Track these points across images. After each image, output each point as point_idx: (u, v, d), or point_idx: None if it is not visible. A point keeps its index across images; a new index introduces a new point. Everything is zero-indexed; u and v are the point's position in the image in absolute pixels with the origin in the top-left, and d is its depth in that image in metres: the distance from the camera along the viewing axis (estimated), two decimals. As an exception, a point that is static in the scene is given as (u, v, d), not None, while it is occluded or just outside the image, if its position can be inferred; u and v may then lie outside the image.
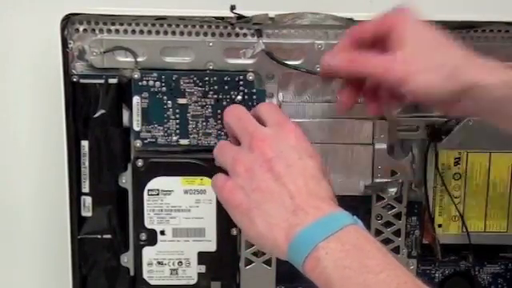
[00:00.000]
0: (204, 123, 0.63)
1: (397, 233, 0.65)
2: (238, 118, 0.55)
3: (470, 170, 0.63)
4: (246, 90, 0.62)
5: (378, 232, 0.65)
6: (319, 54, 0.61)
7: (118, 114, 0.62)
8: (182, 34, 0.61)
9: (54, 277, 0.74)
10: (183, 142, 0.63)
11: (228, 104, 0.62)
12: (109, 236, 0.64)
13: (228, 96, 0.62)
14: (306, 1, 0.62)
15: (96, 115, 0.62)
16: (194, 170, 0.63)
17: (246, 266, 0.65)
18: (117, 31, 0.61)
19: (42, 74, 0.69)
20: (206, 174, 0.62)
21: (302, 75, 0.62)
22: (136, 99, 0.62)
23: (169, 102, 0.62)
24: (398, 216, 0.65)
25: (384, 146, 0.63)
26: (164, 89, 0.62)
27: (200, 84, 0.62)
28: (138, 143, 0.63)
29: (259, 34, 0.61)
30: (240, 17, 0.59)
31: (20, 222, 0.74)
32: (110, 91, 0.61)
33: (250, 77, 0.62)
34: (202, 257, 0.64)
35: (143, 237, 0.63)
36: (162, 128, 0.62)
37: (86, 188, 0.63)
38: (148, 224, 0.63)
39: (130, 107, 0.62)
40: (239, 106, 0.58)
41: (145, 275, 0.64)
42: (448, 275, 0.67)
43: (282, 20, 0.60)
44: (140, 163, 0.62)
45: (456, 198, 0.63)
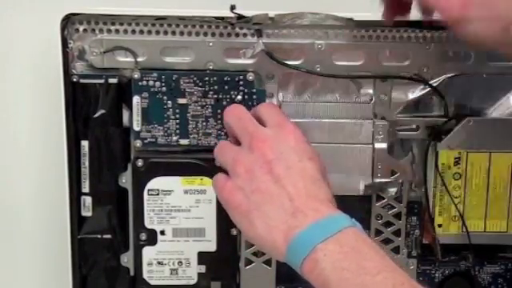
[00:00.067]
0: (204, 123, 0.63)
1: (397, 233, 0.65)
2: (237, 117, 0.55)
3: (469, 170, 0.63)
4: (245, 90, 0.62)
5: (378, 232, 0.65)
6: (319, 53, 0.61)
7: (118, 114, 0.62)
8: (182, 33, 0.61)
9: (53, 277, 0.74)
10: (183, 142, 0.63)
11: (228, 104, 0.62)
12: (109, 236, 0.64)
13: (228, 96, 0.62)
14: (306, 1, 0.62)
15: (96, 115, 0.62)
16: (194, 169, 0.63)
17: (246, 265, 0.65)
18: (117, 31, 0.61)
19: (42, 74, 0.69)
20: (206, 174, 0.62)
21: (302, 75, 0.62)
22: (136, 99, 0.62)
23: (169, 102, 0.62)
24: (398, 216, 0.65)
25: (384, 145, 0.63)
26: (164, 89, 0.62)
27: (200, 84, 0.62)
28: (138, 143, 0.63)
29: (259, 34, 0.61)
30: (240, 17, 0.59)
31: (20, 222, 0.74)
32: (110, 91, 0.61)
33: (250, 77, 0.62)
34: (202, 257, 0.64)
35: (143, 237, 0.63)
36: (161, 128, 0.62)
37: (85, 188, 0.63)
38: (148, 224, 0.63)
39: (130, 107, 0.62)
40: (239, 105, 0.58)
41: (145, 275, 0.64)
42: (448, 275, 0.67)
43: (281, 20, 0.60)
44: (140, 163, 0.62)
45: (456, 197, 0.63)
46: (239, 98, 0.62)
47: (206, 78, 0.62)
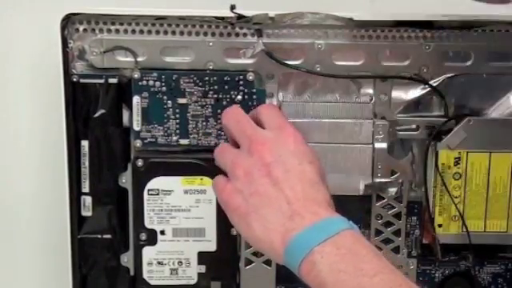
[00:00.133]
0: (204, 123, 0.62)
1: (397, 233, 0.65)
2: (235, 120, 0.55)
3: (469, 170, 0.63)
4: (245, 90, 0.62)
5: (378, 232, 0.65)
6: (319, 53, 0.61)
7: (118, 114, 0.62)
8: (182, 33, 0.61)
9: (53, 277, 0.74)
10: (183, 141, 0.63)
11: (228, 104, 0.62)
12: (109, 236, 0.64)
13: (228, 96, 0.62)
14: (306, 1, 0.62)
15: (96, 115, 0.62)
16: (194, 169, 0.63)
17: (246, 265, 0.65)
18: (117, 31, 0.61)
19: (42, 74, 0.69)
20: (206, 174, 0.62)
21: (302, 75, 0.62)
22: (136, 99, 0.62)
23: (169, 101, 0.62)
24: (398, 216, 0.65)
25: (384, 145, 0.63)
26: (164, 89, 0.62)
27: (200, 84, 0.62)
28: (138, 143, 0.63)
29: (259, 33, 0.61)
30: (240, 17, 0.59)
31: (20, 221, 0.74)
32: (110, 91, 0.61)
33: (250, 77, 0.62)
34: (202, 257, 0.64)
35: (143, 237, 0.63)
36: (161, 128, 0.62)
37: (85, 188, 0.63)
38: (148, 224, 0.63)
39: (130, 107, 0.62)
40: (236, 107, 0.58)
41: (145, 275, 0.64)
42: (448, 275, 0.67)
43: (281, 20, 0.60)
44: (140, 163, 0.62)
45: (456, 197, 0.63)
46: (239, 97, 0.62)
47: (206, 78, 0.62)
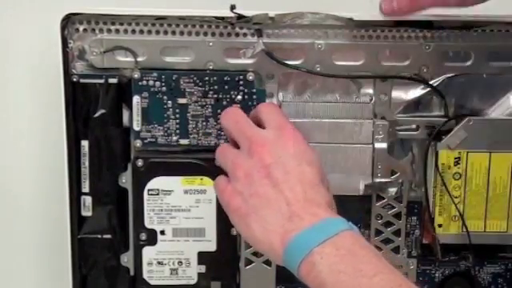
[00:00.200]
0: (204, 123, 0.62)
1: (397, 233, 0.65)
2: (234, 121, 0.55)
3: (469, 170, 0.63)
4: (245, 90, 0.62)
5: (378, 232, 0.65)
6: (319, 53, 0.61)
7: (118, 114, 0.62)
8: (182, 33, 0.61)
9: (54, 277, 0.74)
10: (183, 141, 0.63)
11: (228, 104, 0.62)
12: (109, 236, 0.64)
13: (228, 96, 0.62)
14: (306, 1, 0.62)
15: (96, 115, 0.62)
16: (194, 169, 0.63)
17: (246, 265, 0.65)
18: (117, 31, 0.61)
19: (42, 74, 0.69)
20: (206, 174, 0.62)
21: (302, 75, 0.62)
22: (136, 99, 0.62)
23: (169, 101, 0.62)
24: (398, 216, 0.65)
25: (384, 145, 0.63)
26: (164, 89, 0.62)
27: (200, 84, 0.62)
28: (138, 143, 0.63)
29: (259, 33, 0.61)
30: (240, 16, 0.59)
31: (20, 221, 0.74)
32: (110, 91, 0.61)
33: (250, 77, 0.62)
34: (202, 257, 0.64)
35: (143, 237, 0.63)
36: (161, 128, 0.62)
37: (85, 188, 0.63)
38: (148, 224, 0.63)
39: (130, 107, 0.62)
40: (235, 108, 0.58)
41: (145, 275, 0.64)
42: (448, 275, 0.67)
43: (281, 20, 0.60)
44: (140, 163, 0.62)
45: (456, 197, 0.63)
46: (239, 97, 0.62)
47: (206, 78, 0.62)
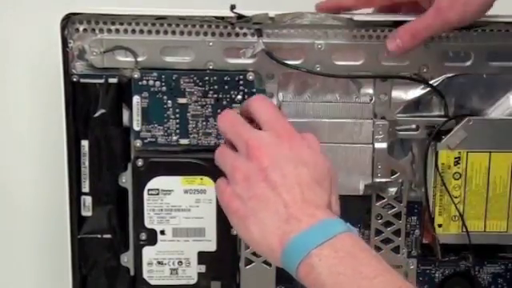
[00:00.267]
0: (204, 123, 0.63)
1: (397, 233, 0.65)
2: (231, 124, 0.55)
3: (469, 170, 0.63)
4: (245, 90, 0.62)
5: (378, 232, 0.65)
6: (319, 53, 0.61)
7: (118, 114, 0.62)
8: (181, 33, 0.61)
9: (54, 277, 0.74)
10: (183, 141, 0.63)
11: (228, 104, 0.62)
12: (109, 236, 0.64)
13: (228, 96, 0.62)
14: (306, 1, 0.62)
15: (96, 115, 0.62)
16: (194, 169, 0.63)
17: (245, 265, 0.65)
18: (117, 31, 0.61)
19: (42, 74, 0.69)
20: (206, 174, 0.62)
21: (302, 75, 0.62)
22: (136, 99, 0.62)
23: (169, 101, 0.62)
24: (398, 216, 0.65)
25: (384, 145, 0.63)
26: (164, 88, 0.62)
27: (200, 84, 0.62)
28: (137, 143, 0.63)
29: (259, 33, 0.61)
30: (240, 16, 0.59)
31: (20, 221, 0.74)
32: (110, 91, 0.61)
33: (250, 76, 0.62)
34: (202, 257, 0.64)
35: (143, 236, 0.63)
36: (162, 128, 0.62)
37: (85, 188, 0.63)
38: (148, 224, 0.63)
39: (129, 107, 0.62)
40: (231, 111, 0.58)
41: (145, 275, 0.64)
42: (448, 275, 0.67)
43: (281, 20, 0.60)
44: (140, 163, 0.62)
45: (456, 197, 0.63)
46: (239, 97, 0.62)
47: (206, 78, 0.62)
